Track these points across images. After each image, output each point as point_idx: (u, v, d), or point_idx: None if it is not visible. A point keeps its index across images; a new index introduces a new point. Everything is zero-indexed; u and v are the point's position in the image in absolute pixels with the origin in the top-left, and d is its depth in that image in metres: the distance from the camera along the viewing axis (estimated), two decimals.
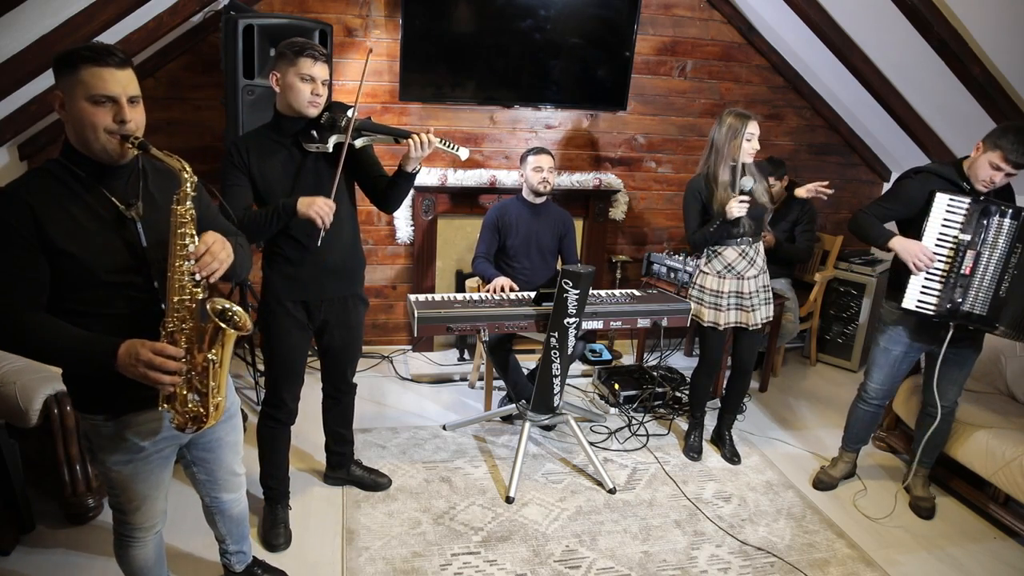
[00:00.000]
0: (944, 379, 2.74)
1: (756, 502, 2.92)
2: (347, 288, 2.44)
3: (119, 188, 1.54)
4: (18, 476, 2.37)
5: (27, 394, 2.30)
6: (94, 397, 1.57)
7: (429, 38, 3.69)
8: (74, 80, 1.42)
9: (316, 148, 2.22)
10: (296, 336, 2.37)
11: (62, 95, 1.45)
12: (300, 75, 2.13)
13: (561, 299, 2.75)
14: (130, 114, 1.47)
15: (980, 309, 2.50)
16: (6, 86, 2.60)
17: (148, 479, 1.69)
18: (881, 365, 2.82)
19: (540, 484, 2.95)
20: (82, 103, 1.43)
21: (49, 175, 1.49)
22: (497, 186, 3.90)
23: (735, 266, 2.94)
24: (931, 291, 2.54)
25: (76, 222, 1.47)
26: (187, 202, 1.50)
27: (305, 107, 2.16)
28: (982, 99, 3.17)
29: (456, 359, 4.12)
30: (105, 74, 1.43)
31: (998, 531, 2.83)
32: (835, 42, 3.61)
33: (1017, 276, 2.44)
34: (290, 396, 2.43)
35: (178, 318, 1.52)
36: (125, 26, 2.84)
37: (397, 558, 2.43)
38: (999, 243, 2.44)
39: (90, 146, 1.47)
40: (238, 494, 2.03)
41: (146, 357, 1.41)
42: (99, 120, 1.44)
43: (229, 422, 1.88)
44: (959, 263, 2.48)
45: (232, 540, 2.13)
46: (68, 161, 1.50)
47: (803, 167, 4.53)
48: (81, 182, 1.50)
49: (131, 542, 1.78)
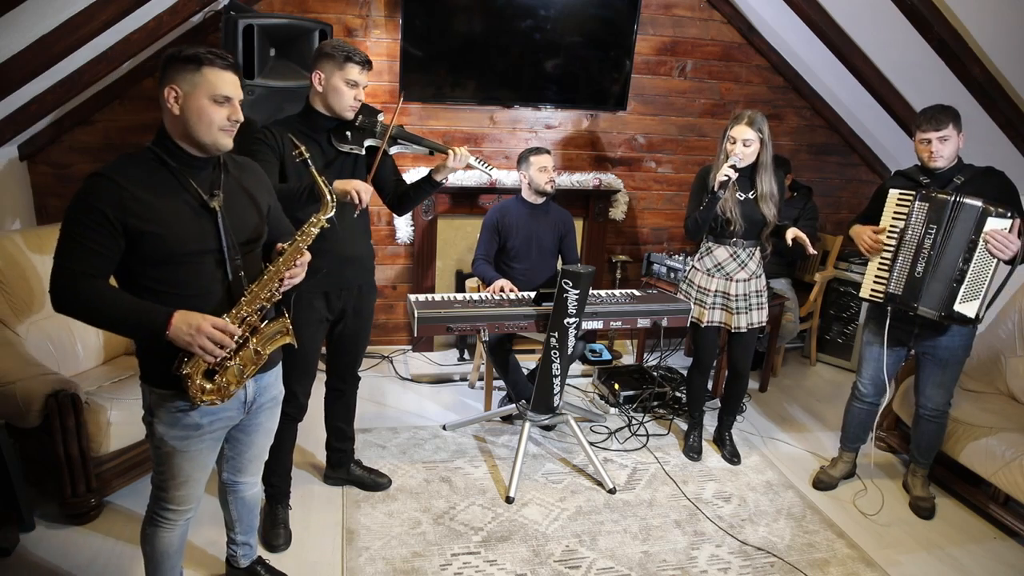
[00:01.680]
0: (928, 381, 2.79)
1: (756, 502, 2.92)
2: (363, 276, 2.51)
3: (204, 179, 1.67)
4: (18, 476, 2.37)
5: (27, 394, 2.30)
6: (167, 371, 1.64)
7: (429, 38, 3.69)
8: (198, 79, 1.57)
9: (350, 149, 2.33)
10: (314, 329, 2.41)
11: (178, 90, 1.57)
12: (347, 80, 2.22)
13: (561, 299, 2.75)
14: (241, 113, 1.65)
15: (899, 290, 2.63)
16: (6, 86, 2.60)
17: (197, 458, 1.78)
18: (867, 360, 2.89)
19: (540, 484, 2.95)
20: (204, 101, 1.58)
21: (143, 162, 1.62)
22: (497, 186, 3.90)
23: (725, 266, 2.95)
24: (879, 279, 2.69)
25: (164, 206, 1.59)
26: (321, 226, 1.78)
27: (346, 110, 2.26)
28: (982, 99, 3.17)
29: (456, 359, 4.12)
30: (227, 76, 1.61)
31: (998, 531, 2.83)
32: (835, 42, 3.61)
33: (932, 257, 2.55)
34: (302, 391, 2.46)
35: (253, 309, 1.69)
36: (125, 26, 2.84)
37: (397, 558, 2.44)
38: (917, 227, 2.58)
39: (200, 139, 1.62)
40: (255, 478, 2.09)
41: (206, 329, 1.56)
42: (217, 117, 1.60)
43: (274, 409, 1.97)
44: (895, 249, 2.64)
45: (241, 529, 2.16)
46: (162, 150, 1.62)
47: (803, 167, 4.53)
48: (171, 170, 1.63)
49: (163, 523, 1.84)
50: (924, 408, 2.84)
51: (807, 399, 3.99)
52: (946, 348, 2.69)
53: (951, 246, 2.52)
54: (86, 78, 3.01)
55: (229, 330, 1.60)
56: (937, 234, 2.53)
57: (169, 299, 1.60)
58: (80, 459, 2.40)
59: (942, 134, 2.52)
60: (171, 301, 1.59)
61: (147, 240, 1.57)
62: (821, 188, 4.55)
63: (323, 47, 2.24)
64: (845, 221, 4.75)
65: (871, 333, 2.86)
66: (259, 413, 1.90)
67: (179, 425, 1.71)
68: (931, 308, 2.58)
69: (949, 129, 2.51)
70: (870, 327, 2.87)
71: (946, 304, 2.54)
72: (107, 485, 2.56)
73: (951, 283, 2.52)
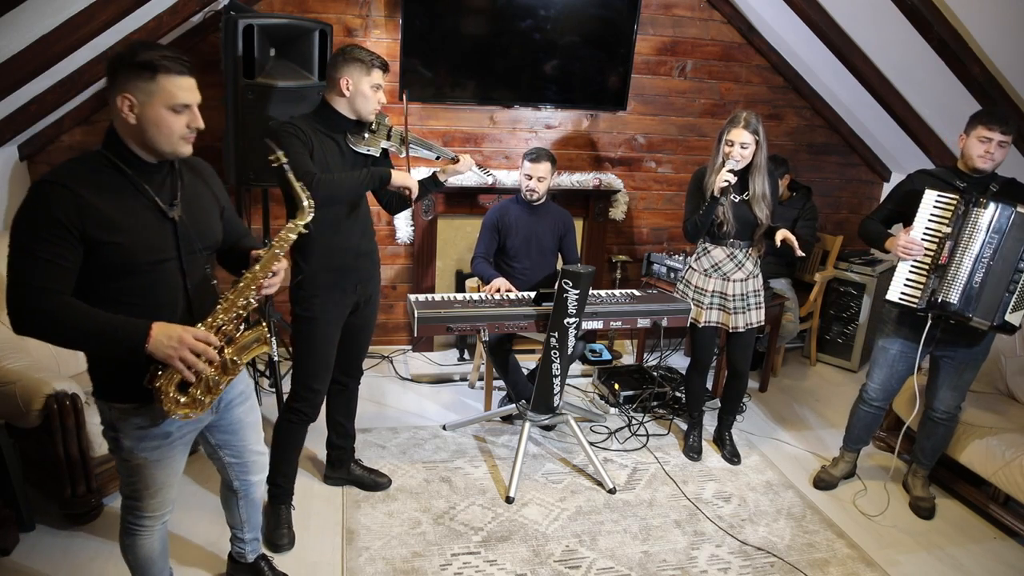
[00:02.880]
0: (943, 384, 2.76)
1: (756, 502, 2.92)
2: (374, 269, 2.58)
3: (160, 185, 1.60)
4: (18, 476, 2.37)
5: (27, 394, 2.30)
6: (126, 385, 1.59)
7: (429, 38, 3.69)
8: (153, 88, 1.48)
9: (366, 150, 2.39)
10: (334, 326, 2.45)
11: (133, 100, 1.48)
12: (373, 85, 2.29)
13: (561, 299, 2.75)
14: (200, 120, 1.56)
15: (955, 298, 2.55)
16: (6, 86, 2.60)
17: (170, 465, 1.73)
18: (880, 364, 2.84)
19: (540, 484, 2.95)
20: (162, 111, 1.49)
21: (96, 167, 1.52)
22: (497, 186, 3.88)
23: (722, 266, 2.95)
24: (914, 283, 2.61)
25: (123, 214, 1.51)
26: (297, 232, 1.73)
27: (371, 114, 2.35)
28: (982, 99, 3.17)
29: (456, 359, 4.12)
30: (184, 83, 1.51)
31: (998, 531, 2.83)
32: (835, 42, 3.61)
33: (992, 267, 2.49)
34: (320, 388, 2.48)
35: (229, 318, 1.63)
36: (125, 26, 2.83)
37: (397, 558, 2.43)
38: (976, 235, 2.49)
39: (159, 149, 1.53)
40: (262, 475, 2.09)
41: (188, 340, 1.49)
42: (176, 127, 1.52)
43: (247, 403, 1.93)
44: (938, 254, 2.55)
45: (249, 527, 2.15)
46: (115, 156, 1.53)
47: (803, 167, 4.53)
48: (127, 177, 1.54)
49: (140, 531, 1.80)
50: (935, 411, 2.81)
51: (807, 399, 3.98)
52: (968, 352, 2.67)
53: (1008, 255, 2.46)
54: (86, 78, 3.01)
55: (211, 340, 1.53)
56: (997, 243, 2.46)
57: (131, 311, 1.51)
58: (80, 459, 2.40)
59: (1005, 138, 2.45)
60: (133, 313, 1.50)
61: (107, 250, 1.48)
62: (821, 188, 4.55)
63: (350, 53, 2.27)
64: (845, 221, 4.75)
65: (886, 337, 2.79)
66: (231, 411, 1.85)
67: (148, 437, 1.65)
68: (984, 318, 2.51)
69: (1010, 137, 2.46)
70: (887, 330, 2.79)
71: (998, 314, 2.49)
72: (107, 486, 2.56)
73: (1004, 292, 2.48)
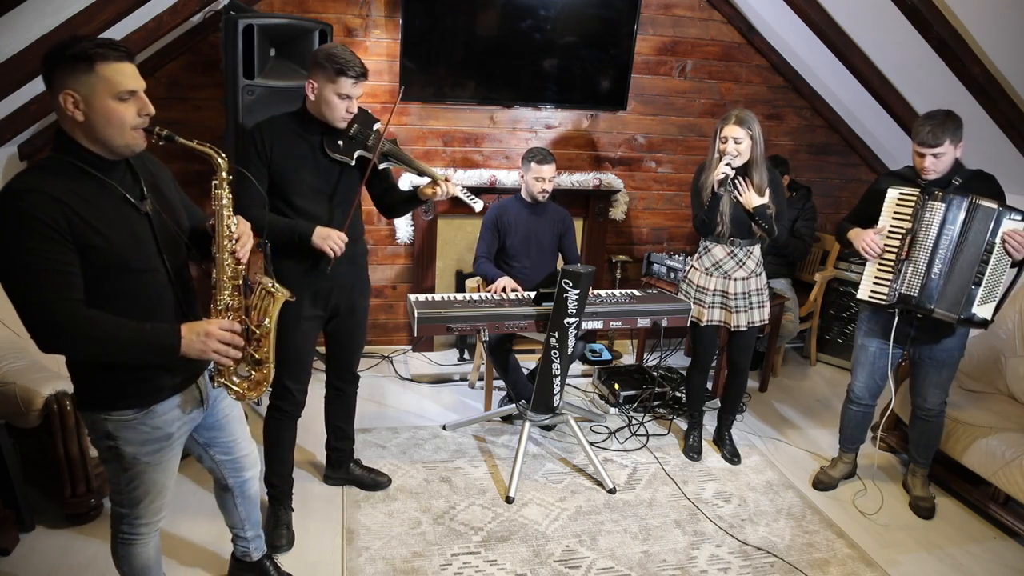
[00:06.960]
0: (925, 382, 2.78)
1: (756, 502, 2.92)
2: (355, 274, 2.49)
3: (122, 182, 1.54)
4: (18, 476, 2.37)
5: (27, 394, 2.30)
6: (123, 392, 1.57)
7: (429, 38, 3.69)
8: (94, 79, 1.39)
9: (340, 158, 2.29)
10: (305, 326, 2.39)
11: (76, 95, 1.39)
12: (339, 93, 2.16)
13: (561, 299, 2.75)
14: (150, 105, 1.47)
15: (915, 291, 2.58)
16: (6, 86, 2.59)
17: (169, 466, 1.74)
18: (861, 363, 2.88)
19: (540, 484, 2.95)
20: (108, 102, 1.41)
21: (63, 171, 1.45)
22: (497, 186, 3.90)
23: (723, 265, 2.96)
24: (882, 281, 2.66)
25: (102, 216, 1.46)
26: (225, 186, 1.60)
27: (337, 121, 2.23)
28: (982, 99, 3.17)
29: (456, 359, 4.12)
30: (125, 69, 1.42)
31: (998, 531, 2.83)
32: (835, 42, 3.60)
33: (953, 259, 2.52)
34: (297, 387, 2.44)
35: (228, 295, 1.62)
36: (125, 26, 2.83)
37: (397, 558, 2.43)
38: (931, 228, 2.54)
39: (112, 143, 1.45)
40: (255, 471, 2.07)
41: (215, 332, 1.49)
42: (127, 117, 1.44)
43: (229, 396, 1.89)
44: (901, 250, 2.59)
45: (250, 524, 2.14)
46: (75, 158, 1.46)
47: (803, 167, 4.53)
48: (94, 178, 1.48)
49: (136, 540, 1.79)
50: (921, 409, 2.84)
51: (807, 399, 3.98)
52: (944, 349, 2.69)
53: (968, 247, 2.49)
54: None
55: (235, 327, 1.56)
56: (953, 235, 2.49)
57: (124, 312, 1.48)
58: (80, 459, 2.40)
59: (936, 151, 2.48)
60: (126, 313, 1.48)
61: (94, 253, 1.44)
62: (821, 188, 4.55)
63: (317, 55, 2.17)
64: None
65: (864, 335, 2.84)
66: (217, 405, 1.86)
67: (150, 440, 1.64)
68: (949, 310, 2.54)
69: (945, 146, 2.47)
70: (864, 329, 2.85)
71: (964, 306, 2.51)
72: (106, 486, 2.53)
73: (969, 285, 2.50)
